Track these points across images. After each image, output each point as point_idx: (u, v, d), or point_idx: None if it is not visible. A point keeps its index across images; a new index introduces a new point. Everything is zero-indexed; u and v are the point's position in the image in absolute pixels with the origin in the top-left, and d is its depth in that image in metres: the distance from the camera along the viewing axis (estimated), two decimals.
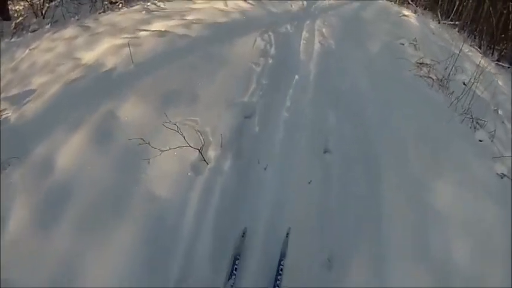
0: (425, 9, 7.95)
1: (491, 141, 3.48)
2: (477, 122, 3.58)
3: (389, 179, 2.60)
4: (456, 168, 2.88)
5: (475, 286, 2.04)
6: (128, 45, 3.54)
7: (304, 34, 4.78)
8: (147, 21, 4.71)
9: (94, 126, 2.61)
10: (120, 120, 2.66)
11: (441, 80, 4.14)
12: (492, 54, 6.68)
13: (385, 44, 4.99)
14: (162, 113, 2.59)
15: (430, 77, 4.16)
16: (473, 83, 3.86)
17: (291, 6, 6.12)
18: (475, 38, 7.05)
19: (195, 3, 5.74)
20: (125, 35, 4.16)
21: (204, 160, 2.31)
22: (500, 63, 6.36)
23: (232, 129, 2.66)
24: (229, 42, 4.01)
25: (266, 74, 3.51)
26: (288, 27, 4.93)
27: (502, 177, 3.04)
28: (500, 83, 5.24)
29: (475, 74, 4.01)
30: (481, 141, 3.47)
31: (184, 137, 2.30)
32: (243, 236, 2.00)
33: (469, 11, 7.23)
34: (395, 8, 7.33)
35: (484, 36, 6.81)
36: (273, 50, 4.05)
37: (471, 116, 3.57)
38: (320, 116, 3.09)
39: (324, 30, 5.06)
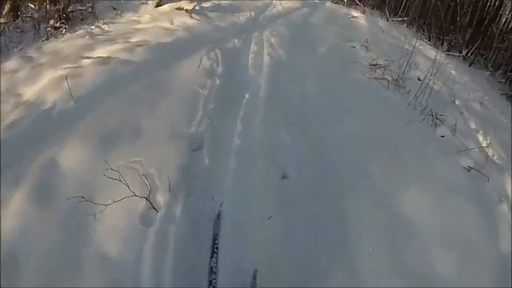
0: (373, 8, 8.10)
1: (453, 135, 3.46)
2: (437, 118, 3.55)
3: (350, 186, 2.55)
4: (418, 168, 2.85)
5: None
6: (66, 78, 3.26)
7: (253, 47, 4.72)
8: (90, 47, 4.44)
9: (35, 179, 2.31)
10: (61, 170, 2.38)
11: (396, 80, 4.11)
12: (442, 45, 6.85)
13: (336, 48, 5.01)
14: (103, 156, 2.35)
15: (385, 78, 4.12)
16: (430, 79, 3.85)
17: (239, 18, 6.05)
18: (423, 31, 7.22)
19: (139, 23, 5.55)
20: (67, 65, 3.88)
21: (154, 208, 2.10)
22: (451, 53, 6.53)
23: (180, 167, 2.47)
24: (174, 65, 3.83)
25: (214, 97, 3.36)
26: (236, 41, 4.85)
27: (469, 171, 3.03)
28: (453, 72, 5.35)
29: (430, 69, 4.01)
30: (443, 136, 3.45)
31: (128, 186, 2.08)
32: (218, 218, 2.15)
33: (417, 6, 7.42)
34: (343, 10, 7.43)
35: (432, 29, 6.98)
36: (220, 69, 3.93)
37: (431, 113, 3.53)
38: (273, 134, 2.99)
39: (272, 40, 5.03)
